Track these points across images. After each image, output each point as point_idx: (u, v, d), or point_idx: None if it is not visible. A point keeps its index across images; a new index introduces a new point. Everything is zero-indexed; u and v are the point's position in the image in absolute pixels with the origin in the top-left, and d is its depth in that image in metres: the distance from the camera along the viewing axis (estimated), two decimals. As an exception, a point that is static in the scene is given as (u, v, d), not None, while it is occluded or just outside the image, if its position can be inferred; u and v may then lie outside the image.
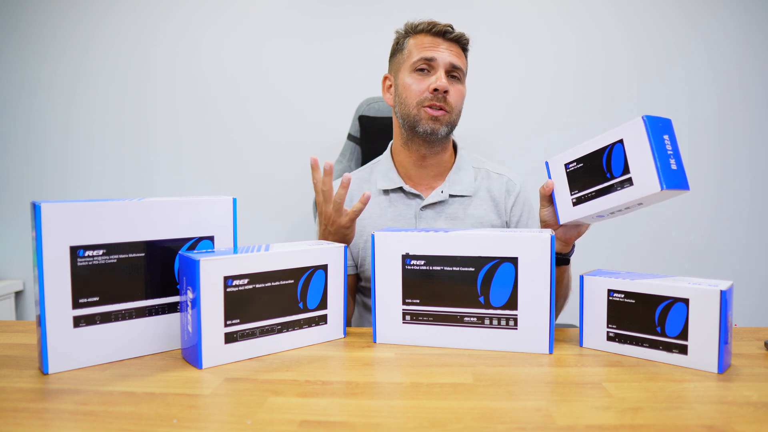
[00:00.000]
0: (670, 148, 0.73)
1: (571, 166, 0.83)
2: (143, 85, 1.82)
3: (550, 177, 0.86)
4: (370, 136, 1.40)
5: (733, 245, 1.74)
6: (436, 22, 1.09)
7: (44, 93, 1.84)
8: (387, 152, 1.18)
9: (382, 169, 1.15)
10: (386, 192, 1.12)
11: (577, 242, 0.91)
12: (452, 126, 1.09)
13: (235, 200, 0.78)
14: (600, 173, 0.78)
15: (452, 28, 1.09)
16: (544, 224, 0.90)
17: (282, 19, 1.79)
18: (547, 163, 0.87)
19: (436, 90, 1.04)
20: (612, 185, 0.76)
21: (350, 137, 1.44)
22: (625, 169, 0.74)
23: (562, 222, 0.85)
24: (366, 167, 1.21)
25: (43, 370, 0.64)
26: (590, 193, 0.80)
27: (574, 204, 0.82)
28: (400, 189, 1.12)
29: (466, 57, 1.12)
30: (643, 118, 0.72)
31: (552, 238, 0.71)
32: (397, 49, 1.13)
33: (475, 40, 1.08)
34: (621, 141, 0.75)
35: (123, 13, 1.81)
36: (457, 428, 0.50)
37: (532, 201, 1.11)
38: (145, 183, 1.83)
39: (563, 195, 0.84)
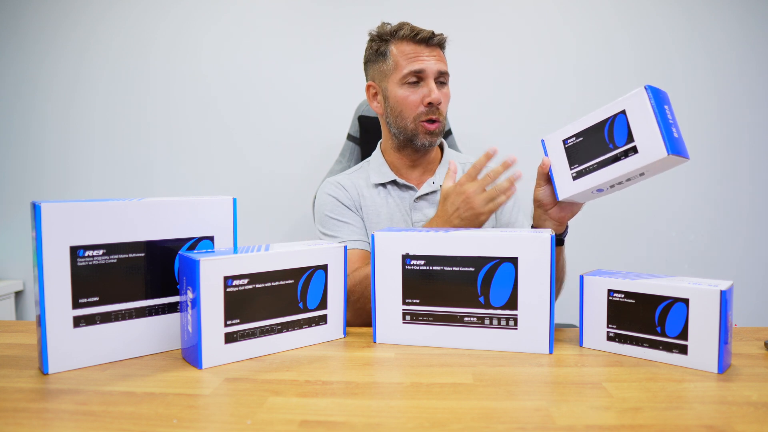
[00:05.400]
0: (671, 118, 0.76)
1: (569, 141, 0.83)
2: (143, 85, 1.82)
3: (546, 155, 0.87)
4: (370, 136, 1.40)
5: (733, 245, 1.74)
6: (418, 29, 1.09)
7: (44, 93, 1.84)
8: (377, 151, 1.22)
9: (374, 166, 1.20)
10: (383, 185, 1.17)
11: (577, 242, 0.91)
12: (444, 131, 1.16)
13: (235, 200, 0.78)
14: (602, 145, 0.79)
15: (434, 32, 1.09)
16: (539, 203, 0.91)
17: (282, 19, 1.79)
18: (543, 141, 0.88)
19: (430, 104, 1.07)
20: (616, 155, 0.78)
21: (350, 137, 1.44)
22: (629, 138, 0.76)
23: (561, 198, 0.86)
24: (357, 166, 1.25)
25: (43, 370, 0.64)
26: (592, 165, 0.81)
27: (575, 178, 0.83)
28: (394, 182, 1.17)
29: (445, 55, 1.15)
30: (645, 87, 0.74)
31: (552, 238, 0.71)
32: (377, 55, 1.13)
33: (474, 40, 1.09)
34: (623, 111, 0.77)
35: (123, 13, 1.81)
36: (457, 428, 0.50)
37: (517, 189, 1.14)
38: (145, 183, 1.83)
39: (562, 171, 0.85)
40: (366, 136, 1.42)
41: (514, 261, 0.71)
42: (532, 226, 0.96)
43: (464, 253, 0.73)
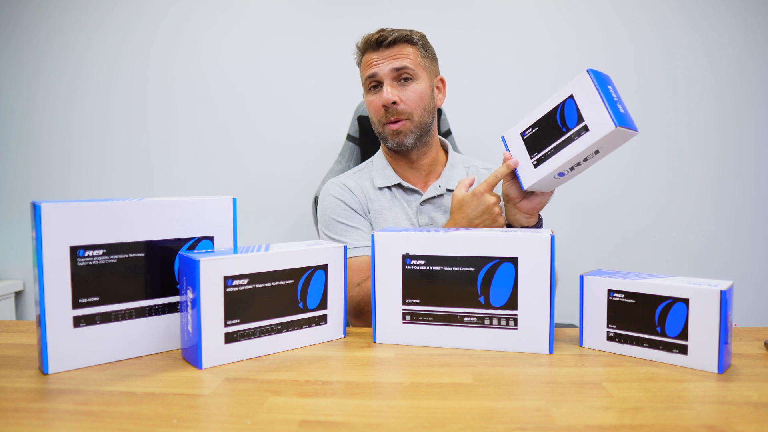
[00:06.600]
0: (615, 96, 0.81)
1: (527, 132, 0.89)
2: (143, 86, 1.82)
3: (507, 150, 0.92)
4: (369, 137, 1.40)
5: (733, 245, 1.74)
6: (368, 36, 1.10)
7: (44, 93, 1.84)
8: (380, 153, 1.22)
9: (378, 168, 1.19)
10: (388, 188, 1.16)
11: (577, 242, 0.92)
12: (420, 128, 1.11)
13: (235, 200, 0.78)
14: (556, 130, 0.85)
15: (387, 33, 1.09)
16: (507, 198, 0.95)
17: (281, 19, 1.79)
18: (503, 138, 0.93)
19: (385, 106, 1.08)
20: (569, 137, 0.83)
21: (349, 137, 1.44)
22: (579, 119, 0.82)
23: (526, 187, 0.90)
24: (361, 166, 1.24)
25: (43, 370, 0.64)
26: (549, 150, 0.86)
27: (536, 166, 0.88)
28: (399, 185, 1.16)
29: (419, 48, 1.11)
30: (588, 71, 0.82)
31: (552, 238, 0.71)
32: (359, 70, 1.19)
33: (475, 40, 1.09)
34: (571, 96, 0.83)
35: (123, 13, 1.81)
36: (457, 428, 0.50)
37: None
38: (145, 183, 1.83)
39: (524, 161, 0.90)
40: (365, 136, 1.42)
41: (514, 261, 0.71)
42: (507, 225, 0.98)
43: (464, 253, 0.73)
